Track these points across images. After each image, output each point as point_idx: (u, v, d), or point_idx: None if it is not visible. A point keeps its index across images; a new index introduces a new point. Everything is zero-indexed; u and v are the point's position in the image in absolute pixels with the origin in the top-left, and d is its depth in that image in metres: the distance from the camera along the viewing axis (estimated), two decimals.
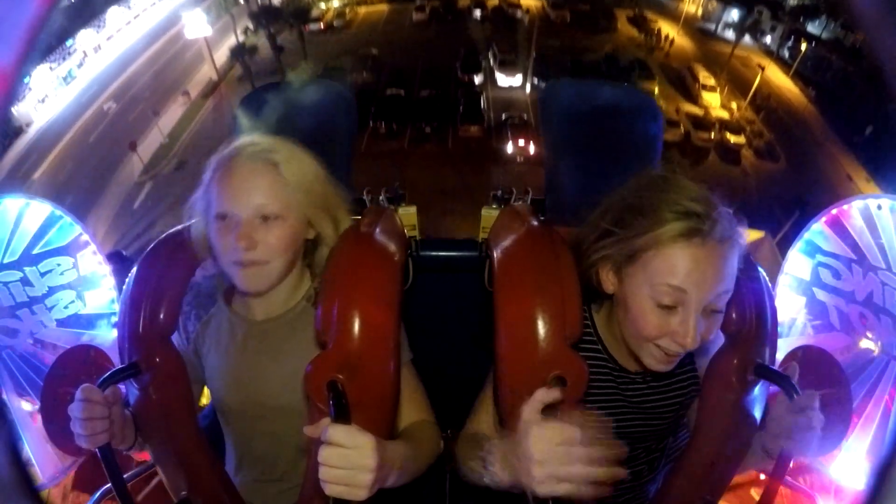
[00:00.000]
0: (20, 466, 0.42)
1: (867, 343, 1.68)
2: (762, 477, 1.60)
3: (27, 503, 0.41)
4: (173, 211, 13.19)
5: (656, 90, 18.65)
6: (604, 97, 1.18)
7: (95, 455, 0.91)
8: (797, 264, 1.82)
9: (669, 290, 0.80)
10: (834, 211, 1.73)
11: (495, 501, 0.97)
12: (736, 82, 19.78)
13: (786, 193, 13.91)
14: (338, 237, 1.00)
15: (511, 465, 0.78)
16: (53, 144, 16.15)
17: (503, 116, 16.22)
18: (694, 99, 18.63)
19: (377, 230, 0.98)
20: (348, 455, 0.72)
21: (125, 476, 1.00)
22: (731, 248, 0.82)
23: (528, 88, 18.59)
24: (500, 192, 1.41)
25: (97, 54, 20.49)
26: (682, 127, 16.74)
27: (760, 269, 1.02)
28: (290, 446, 1.07)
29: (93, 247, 1.81)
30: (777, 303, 1.25)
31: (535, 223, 1.01)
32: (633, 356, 0.94)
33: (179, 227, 1.10)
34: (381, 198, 1.32)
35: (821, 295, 1.77)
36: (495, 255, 0.98)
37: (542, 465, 0.71)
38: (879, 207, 1.64)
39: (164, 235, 1.09)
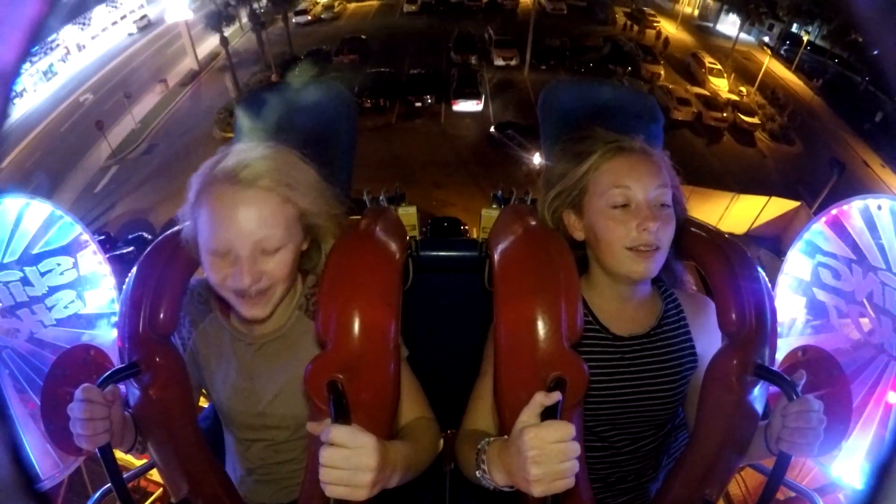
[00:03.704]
0: (20, 466, 0.42)
1: (867, 343, 1.68)
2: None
3: (27, 503, 0.41)
4: (135, 193, 12.64)
5: (662, 73, 18.32)
6: (603, 97, 1.18)
7: (95, 455, 0.90)
8: (797, 264, 1.81)
9: (618, 190, 0.96)
10: (834, 211, 1.73)
11: (495, 501, 0.98)
12: (740, 73, 19.50)
13: (806, 175, 13.54)
14: (337, 237, 1.00)
15: (506, 466, 0.78)
16: (25, 136, 15.48)
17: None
18: (701, 84, 18.28)
19: (377, 230, 0.98)
20: (349, 455, 0.72)
21: (125, 476, 1.00)
22: (656, 155, 1.00)
23: (525, 71, 18.07)
24: (500, 193, 1.41)
25: (80, 53, 20.13)
26: (693, 106, 16.20)
27: (760, 269, 1.02)
28: (292, 451, 1.07)
29: (93, 247, 1.81)
30: (777, 303, 1.25)
31: (535, 223, 1.01)
32: (622, 313, 1.04)
33: (178, 227, 1.09)
34: (381, 198, 1.32)
35: (821, 295, 1.77)
36: (495, 255, 0.97)
37: (539, 465, 0.71)
38: (879, 208, 1.64)
39: (163, 235, 1.08)
